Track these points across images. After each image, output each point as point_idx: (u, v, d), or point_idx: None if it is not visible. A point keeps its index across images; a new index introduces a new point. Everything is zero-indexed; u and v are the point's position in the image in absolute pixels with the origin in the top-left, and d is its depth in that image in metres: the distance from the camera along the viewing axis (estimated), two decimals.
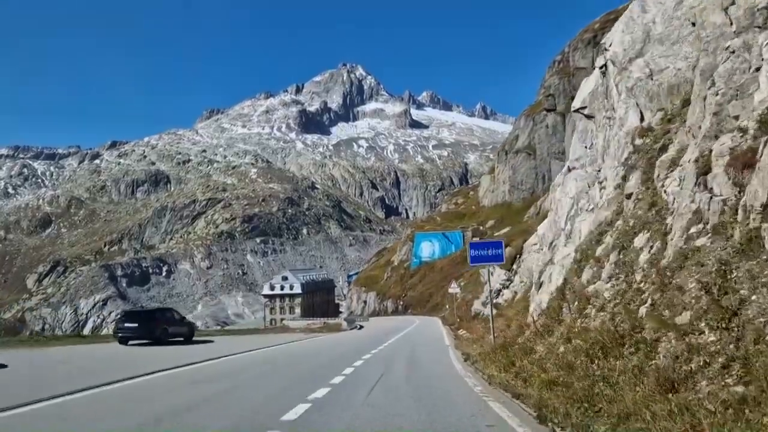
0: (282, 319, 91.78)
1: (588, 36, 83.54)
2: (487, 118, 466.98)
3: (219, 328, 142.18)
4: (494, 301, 25.43)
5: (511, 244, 41.19)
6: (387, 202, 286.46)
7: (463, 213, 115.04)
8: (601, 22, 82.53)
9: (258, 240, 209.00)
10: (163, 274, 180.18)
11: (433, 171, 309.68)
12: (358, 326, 48.09)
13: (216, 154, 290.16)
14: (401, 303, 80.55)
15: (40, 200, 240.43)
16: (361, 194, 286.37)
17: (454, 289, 43.23)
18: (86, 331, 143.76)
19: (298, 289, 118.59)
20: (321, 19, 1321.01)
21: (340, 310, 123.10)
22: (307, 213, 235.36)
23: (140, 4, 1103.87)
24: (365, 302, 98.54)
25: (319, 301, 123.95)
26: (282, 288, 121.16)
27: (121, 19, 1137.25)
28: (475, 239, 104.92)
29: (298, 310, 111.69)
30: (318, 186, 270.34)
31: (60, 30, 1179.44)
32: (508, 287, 31.17)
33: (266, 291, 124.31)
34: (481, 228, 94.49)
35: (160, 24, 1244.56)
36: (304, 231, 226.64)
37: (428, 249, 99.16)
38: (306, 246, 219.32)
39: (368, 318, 71.30)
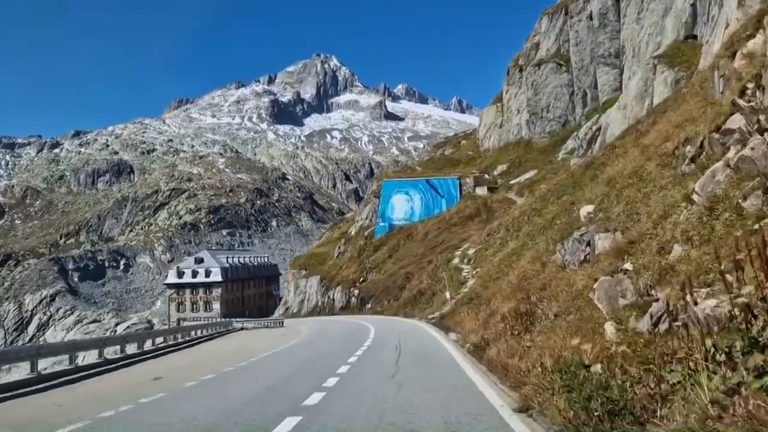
0: (195, 318, 68.31)
1: None
2: (462, 111, 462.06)
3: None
4: None
5: None
6: (361, 194, 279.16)
7: (457, 160, 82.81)
8: None
9: (224, 232, 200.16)
10: (121, 267, 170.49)
11: (409, 163, 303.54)
12: None
13: (183, 144, 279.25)
14: (357, 293, 54.26)
15: None
16: (335, 186, 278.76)
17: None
18: (31, 329, 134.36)
19: (217, 276, 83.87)
20: (294, 9, 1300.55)
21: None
22: (277, 205, 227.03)
23: None
24: (304, 293, 69.63)
25: (251, 293, 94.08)
26: (195, 274, 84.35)
27: (91, 8, 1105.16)
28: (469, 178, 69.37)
29: (216, 306, 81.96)
30: (289, 177, 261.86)
31: (34, 20, 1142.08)
32: None
33: (171, 279, 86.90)
34: (487, 176, 66.83)
35: (131, 13, 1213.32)
36: (274, 223, 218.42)
37: (403, 206, 67.61)
38: (275, 239, 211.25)
39: (282, 322, 45.86)
